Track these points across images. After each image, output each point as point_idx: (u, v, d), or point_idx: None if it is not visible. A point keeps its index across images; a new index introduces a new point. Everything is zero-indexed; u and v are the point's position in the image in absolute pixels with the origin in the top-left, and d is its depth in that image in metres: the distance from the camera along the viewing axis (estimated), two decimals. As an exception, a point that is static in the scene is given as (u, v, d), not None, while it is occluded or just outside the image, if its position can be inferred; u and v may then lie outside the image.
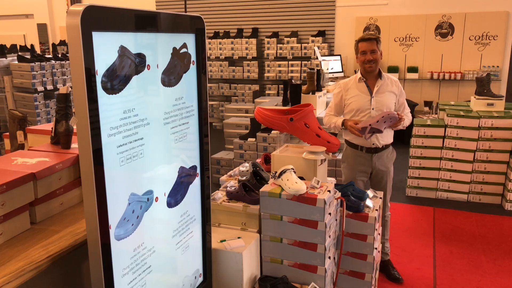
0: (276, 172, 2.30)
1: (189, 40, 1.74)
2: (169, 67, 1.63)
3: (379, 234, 2.71)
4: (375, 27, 7.56)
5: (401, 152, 3.62)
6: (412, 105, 6.93)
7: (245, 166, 2.73)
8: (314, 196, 2.14)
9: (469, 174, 4.52)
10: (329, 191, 2.21)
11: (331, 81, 6.83)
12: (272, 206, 2.22)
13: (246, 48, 8.24)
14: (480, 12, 6.98)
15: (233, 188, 2.44)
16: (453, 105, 4.99)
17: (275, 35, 8.15)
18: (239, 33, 8.42)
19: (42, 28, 10.02)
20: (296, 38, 7.90)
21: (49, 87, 5.28)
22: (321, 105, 5.25)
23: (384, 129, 2.78)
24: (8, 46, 8.48)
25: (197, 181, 1.91)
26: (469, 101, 5.07)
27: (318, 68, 5.79)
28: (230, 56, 8.36)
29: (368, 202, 2.52)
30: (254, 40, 8.15)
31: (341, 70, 7.17)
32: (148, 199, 1.56)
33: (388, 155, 3.02)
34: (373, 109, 2.88)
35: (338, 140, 2.68)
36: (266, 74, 8.12)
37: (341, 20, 7.83)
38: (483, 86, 4.69)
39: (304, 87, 5.26)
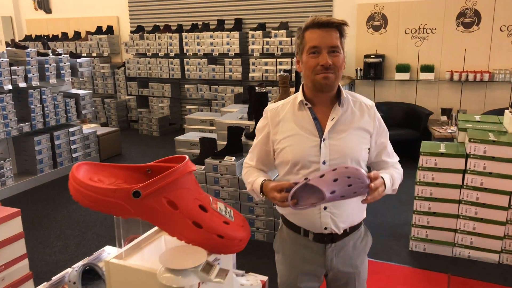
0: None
1: None
2: None
3: None
4: (381, 17, 6.14)
5: (408, 174, 2.19)
6: (425, 113, 5.51)
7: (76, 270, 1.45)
8: None
9: (503, 226, 3.13)
10: None
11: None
12: None
13: (228, 43, 6.92)
14: (514, -4, 5.48)
15: None
16: (478, 121, 3.58)
17: (261, 27, 6.81)
18: (220, 25, 7.11)
19: (7, 22, 8.89)
20: (285, 31, 6.54)
21: None
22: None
23: (341, 197, 1.44)
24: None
25: None
26: (501, 109, 3.66)
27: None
28: (210, 52, 7.06)
29: None
30: (237, 34, 6.83)
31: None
32: None
33: (357, 244, 1.68)
34: (324, 162, 1.55)
35: (248, 229, 1.38)
36: (251, 74, 6.80)
37: (339, 9, 6.42)
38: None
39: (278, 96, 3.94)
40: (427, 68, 5.96)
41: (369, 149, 1.63)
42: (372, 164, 1.72)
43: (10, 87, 4.66)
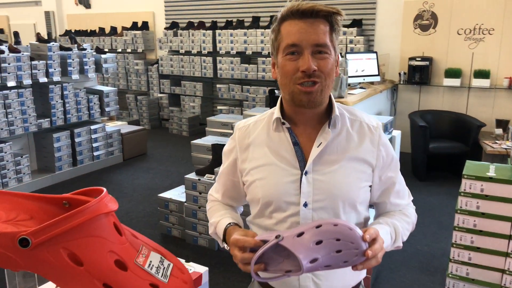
0: None
1: None
2: None
3: None
4: (431, 15, 5.52)
5: (453, 193, 1.65)
6: (476, 125, 4.86)
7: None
8: None
9: None
10: None
11: (361, 87, 4.97)
12: None
13: (262, 41, 6.54)
14: None
15: None
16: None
17: (298, 25, 6.37)
18: (255, 23, 6.74)
19: (48, 16, 9.00)
20: (323, 29, 6.06)
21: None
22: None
23: (325, 267, 1.01)
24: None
25: None
26: None
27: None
28: (243, 51, 6.71)
29: None
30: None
31: (376, 73, 5.27)
32: None
33: None
34: (305, 204, 1.13)
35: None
36: (285, 75, 6.38)
37: (383, 5, 5.86)
38: None
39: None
40: (482, 74, 5.28)
41: (370, 186, 1.19)
42: (374, 205, 1.28)
43: (30, 81, 4.53)
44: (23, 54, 4.44)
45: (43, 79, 4.65)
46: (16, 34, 4.82)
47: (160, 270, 1.00)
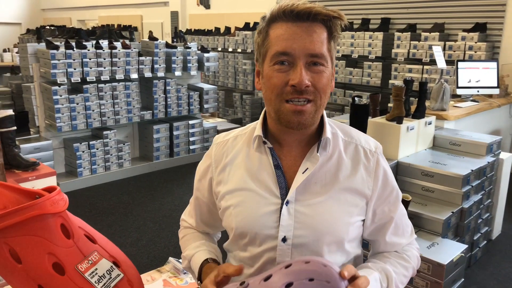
0: None
1: None
2: None
3: None
4: None
5: None
6: None
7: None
8: None
9: None
10: None
11: (473, 100, 4.42)
12: None
13: (370, 45, 6.19)
14: None
15: None
16: None
17: (410, 28, 5.88)
18: (364, 25, 6.40)
19: (174, 16, 9.74)
20: (438, 34, 5.50)
21: (75, 79, 4.49)
22: (408, 146, 3.14)
23: None
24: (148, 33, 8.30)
25: None
26: None
27: (420, 81, 3.58)
28: (349, 54, 6.43)
29: None
30: (380, 35, 6.05)
31: (495, 85, 4.61)
32: None
33: None
34: (283, 240, 0.97)
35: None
36: (391, 81, 5.95)
37: (514, 8, 5.08)
38: None
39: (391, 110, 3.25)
40: None
41: (363, 220, 0.99)
42: (369, 242, 1.07)
43: (136, 76, 4.92)
44: (132, 50, 4.84)
45: (148, 74, 5.01)
46: (131, 32, 5.28)
47: (103, 279, 0.95)
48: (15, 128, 2.70)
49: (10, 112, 2.65)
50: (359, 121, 3.05)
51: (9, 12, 13.54)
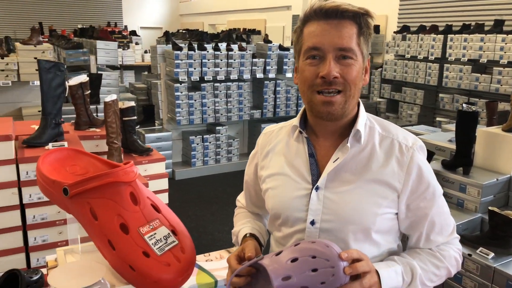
0: None
1: None
2: None
3: None
4: None
5: None
6: None
7: None
8: None
9: None
10: None
11: None
12: None
13: (502, 49, 5.61)
14: None
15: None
16: None
17: (553, 29, 5.19)
18: (497, 27, 5.81)
19: (295, 20, 9.98)
20: None
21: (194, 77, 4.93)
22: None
23: (299, 287, 0.91)
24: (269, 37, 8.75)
25: None
26: None
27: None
28: (477, 58, 5.91)
29: None
30: (514, 37, 5.45)
31: None
32: None
33: None
34: (312, 222, 1.03)
35: (178, 272, 1.08)
36: (524, 89, 5.33)
37: None
38: None
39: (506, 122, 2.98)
40: None
41: (397, 214, 0.99)
42: (412, 235, 1.06)
43: (249, 76, 5.21)
44: (246, 52, 5.13)
45: (260, 75, 5.26)
46: (248, 36, 5.59)
47: (160, 243, 1.10)
48: (135, 117, 3.11)
49: (132, 103, 3.06)
50: (464, 129, 2.83)
51: (152, 18, 15.26)
